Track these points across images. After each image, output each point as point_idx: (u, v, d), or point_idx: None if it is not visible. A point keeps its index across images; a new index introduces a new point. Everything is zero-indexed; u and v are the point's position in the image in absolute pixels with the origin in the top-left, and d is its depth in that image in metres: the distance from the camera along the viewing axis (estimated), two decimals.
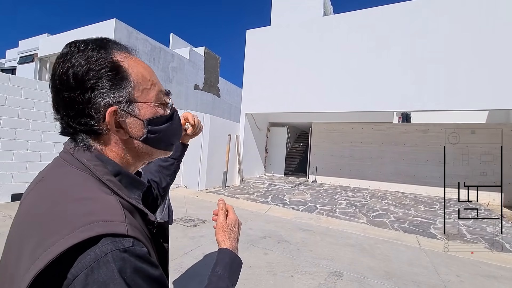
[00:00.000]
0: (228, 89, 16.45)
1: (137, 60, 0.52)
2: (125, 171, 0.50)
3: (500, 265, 3.50)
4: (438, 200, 8.03)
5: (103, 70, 0.45)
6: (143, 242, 0.40)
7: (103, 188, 0.44)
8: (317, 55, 8.18)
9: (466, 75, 6.34)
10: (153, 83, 0.52)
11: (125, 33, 9.25)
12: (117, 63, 0.47)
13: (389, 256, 3.57)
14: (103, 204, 0.41)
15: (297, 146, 14.15)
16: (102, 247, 0.35)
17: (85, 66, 0.44)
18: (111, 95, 0.46)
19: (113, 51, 0.48)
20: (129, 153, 0.51)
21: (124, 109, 0.47)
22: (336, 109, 8.00)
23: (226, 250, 0.64)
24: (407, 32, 7.03)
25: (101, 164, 0.47)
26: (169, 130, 0.55)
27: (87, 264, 0.34)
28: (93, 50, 0.46)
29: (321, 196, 7.53)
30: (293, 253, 3.46)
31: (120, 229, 0.38)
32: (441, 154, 9.11)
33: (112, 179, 0.46)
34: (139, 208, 0.47)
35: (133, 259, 0.37)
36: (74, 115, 0.45)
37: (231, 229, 0.68)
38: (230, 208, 0.72)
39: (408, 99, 6.99)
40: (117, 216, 0.40)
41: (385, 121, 10.08)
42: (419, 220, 5.55)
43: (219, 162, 8.16)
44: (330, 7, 11.17)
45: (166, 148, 0.57)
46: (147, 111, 0.50)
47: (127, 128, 0.48)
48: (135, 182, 0.52)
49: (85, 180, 0.44)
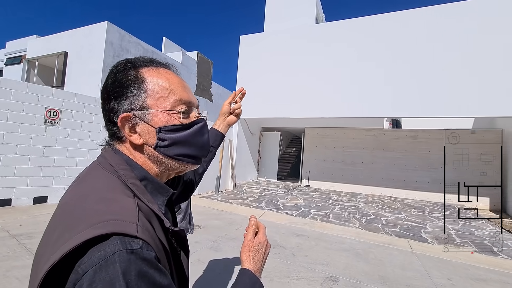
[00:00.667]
0: (221, 94, 16.45)
1: (162, 71, 0.54)
2: (151, 177, 0.52)
3: (489, 268, 3.60)
4: (428, 205, 8.21)
5: (123, 80, 0.51)
6: (152, 246, 0.40)
7: (126, 191, 0.47)
8: (309, 62, 8.31)
9: (452, 83, 6.56)
10: (172, 92, 0.53)
11: (117, 36, 9.16)
12: (138, 74, 0.52)
13: (383, 261, 3.62)
14: (121, 205, 0.43)
15: (290, 151, 14.22)
16: (112, 245, 0.36)
17: (113, 79, 0.52)
18: (127, 103, 0.50)
19: (141, 67, 0.53)
20: (148, 160, 0.53)
21: (137, 115, 0.50)
22: (328, 115, 8.11)
23: (248, 272, 0.59)
24: (397, 41, 7.24)
25: (129, 168, 0.51)
26: (185, 140, 0.54)
27: (96, 261, 0.35)
28: (123, 66, 0.53)
29: (314, 201, 7.58)
30: (288, 258, 3.46)
31: (131, 229, 0.39)
32: (430, 159, 9.38)
33: (136, 183, 0.49)
34: (157, 213, 0.48)
35: (139, 262, 0.37)
36: (106, 121, 0.54)
37: (257, 250, 0.63)
38: (262, 228, 0.68)
39: (397, 106, 7.17)
40: (131, 217, 0.41)
41: (376, 127, 10.28)
42: (410, 224, 5.66)
43: (212, 166, 8.11)
44: (322, 15, 11.41)
45: (185, 159, 0.55)
46: (160, 119, 0.51)
47: (140, 133, 0.51)
48: (160, 188, 0.53)
49: (111, 182, 0.48)
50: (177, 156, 0.54)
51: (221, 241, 3.96)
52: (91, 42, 9.04)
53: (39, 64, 11.02)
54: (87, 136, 5.25)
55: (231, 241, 4.02)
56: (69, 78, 9.47)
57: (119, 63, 0.54)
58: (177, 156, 0.54)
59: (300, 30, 8.77)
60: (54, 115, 4.74)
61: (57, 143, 4.79)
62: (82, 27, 9.62)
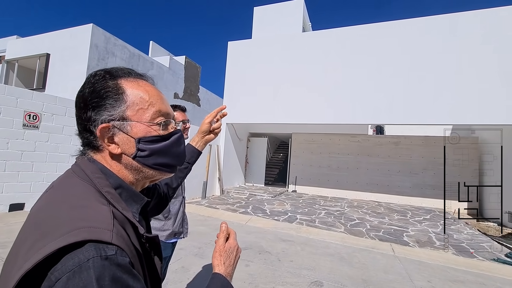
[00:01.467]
0: (208, 99, 16.41)
1: (141, 83, 0.56)
2: (126, 185, 0.53)
3: (466, 269, 3.74)
4: (410, 209, 8.46)
5: (102, 91, 0.52)
6: (127, 252, 0.41)
7: (100, 199, 0.47)
8: (296, 69, 8.47)
9: (432, 93, 6.87)
10: (152, 104, 0.55)
11: (102, 39, 9.00)
12: (117, 85, 0.53)
13: (366, 264, 3.69)
14: (95, 212, 0.43)
15: (277, 156, 14.31)
16: (86, 252, 0.37)
17: (91, 89, 0.52)
18: (106, 113, 0.51)
19: (119, 78, 0.54)
20: (125, 169, 0.55)
21: (116, 126, 0.52)
22: (314, 121, 8.26)
23: (219, 276, 0.61)
24: (379, 51, 7.52)
25: (103, 177, 0.51)
26: (164, 150, 0.56)
27: (70, 267, 0.36)
28: (101, 77, 0.53)
29: (301, 206, 7.64)
30: (274, 264, 3.47)
31: (105, 236, 0.39)
32: (411, 165, 9.69)
33: (111, 191, 0.50)
34: (131, 220, 0.49)
35: (113, 268, 0.37)
36: (81, 130, 0.54)
37: (228, 255, 0.66)
38: (232, 233, 0.72)
39: (380, 113, 7.41)
40: (105, 224, 0.42)
41: (361, 133, 10.55)
42: (393, 228, 5.80)
43: (199, 172, 8.04)
44: (309, 23, 11.69)
45: (162, 169, 0.57)
46: (139, 130, 0.53)
47: (119, 143, 0.53)
48: (134, 196, 0.55)
49: (86, 191, 0.48)
50: (155, 165, 0.56)
51: (206, 247, 3.92)
52: (75, 44, 8.82)
53: (19, 65, 10.63)
54: (69, 140, 5.09)
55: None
56: (50, 80, 9.18)
57: (97, 73, 0.54)
58: (155, 165, 0.56)
59: (287, 38, 8.95)
60: (33, 118, 4.58)
61: (36, 147, 4.61)
62: (66, 29, 9.39)
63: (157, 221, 1.64)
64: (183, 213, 1.78)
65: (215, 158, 8.93)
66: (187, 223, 1.81)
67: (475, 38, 6.63)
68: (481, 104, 6.43)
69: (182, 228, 1.76)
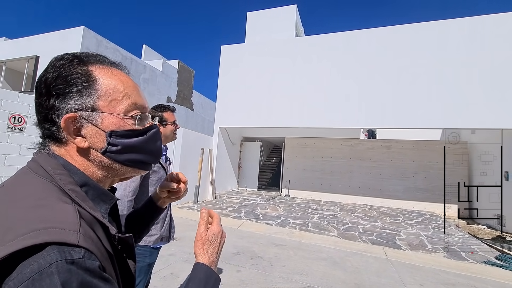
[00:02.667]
0: (201, 103, 16.34)
1: (116, 72, 0.51)
2: (93, 183, 0.48)
3: (457, 272, 3.75)
4: (402, 212, 8.51)
5: (69, 77, 0.46)
6: (96, 255, 0.37)
7: (62, 197, 0.41)
8: (289, 73, 8.53)
9: (422, 97, 6.99)
10: (127, 95, 0.50)
11: (93, 41, 8.89)
12: (88, 72, 0.47)
13: (359, 268, 3.66)
14: (57, 212, 0.38)
15: (271, 161, 14.29)
16: (47, 256, 0.32)
17: (55, 74, 0.46)
18: (73, 102, 0.46)
19: (91, 64, 0.49)
20: (93, 165, 0.49)
21: (85, 117, 0.46)
22: (307, 125, 8.30)
23: (202, 266, 0.58)
24: (370, 57, 7.64)
25: (66, 173, 0.45)
26: (138, 146, 0.51)
27: (28, 275, 0.31)
28: (69, 61, 0.47)
29: (294, 210, 7.60)
30: (266, 269, 3.41)
31: (70, 238, 0.35)
32: (403, 168, 9.79)
33: (76, 189, 0.44)
34: (101, 221, 0.44)
35: (81, 272, 0.33)
36: (41, 119, 0.47)
37: (211, 242, 0.61)
38: (215, 218, 0.66)
39: (372, 117, 7.49)
40: (70, 224, 0.37)
41: (353, 137, 10.64)
42: (385, 231, 5.81)
43: (191, 176, 7.93)
44: (301, 29, 11.82)
45: (135, 165, 0.53)
46: (111, 122, 0.48)
47: (86, 136, 0.47)
48: (102, 195, 0.49)
49: (44, 188, 0.42)
50: (127, 162, 0.51)
51: None
52: (66, 47, 8.67)
53: (7, 67, 10.39)
54: None
55: None
56: None
57: (63, 56, 0.48)
58: (127, 162, 0.51)
59: (280, 43, 9.01)
60: (19, 121, 4.44)
61: (21, 151, 4.46)
62: (56, 31, 9.26)
63: None
64: (170, 217, 1.72)
65: (207, 162, 8.84)
66: (173, 227, 1.76)
67: (463, 44, 6.80)
68: (469, 108, 6.56)
69: (170, 232, 1.70)
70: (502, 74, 6.41)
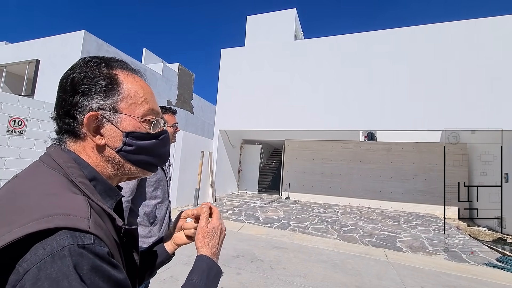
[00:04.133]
0: (201, 106, 16.39)
1: (137, 79, 0.55)
2: (101, 178, 0.50)
3: (458, 274, 3.73)
4: (402, 215, 8.48)
5: (96, 79, 0.49)
6: (105, 242, 0.39)
7: (73, 189, 0.43)
8: (289, 76, 8.56)
9: (421, 99, 7.02)
10: (146, 100, 0.54)
11: (94, 45, 8.94)
12: (113, 75, 0.51)
13: (360, 271, 3.64)
14: (69, 200, 0.40)
15: (271, 163, 14.28)
16: (60, 240, 0.34)
17: (82, 74, 0.49)
18: (97, 101, 0.48)
19: (116, 68, 0.52)
20: (105, 162, 0.52)
21: (106, 116, 0.49)
22: (307, 128, 8.31)
23: (204, 257, 0.60)
24: (369, 59, 7.68)
25: (77, 167, 0.47)
26: (150, 148, 0.55)
27: (40, 257, 0.32)
28: (97, 64, 0.50)
29: (294, 213, 7.58)
30: (266, 272, 3.39)
31: (82, 224, 0.36)
32: (403, 171, 9.78)
33: (85, 182, 0.46)
34: (108, 212, 0.46)
35: (91, 256, 0.35)
36: (62, 114, 0.49)
37: (212, 236, 0.64)
38: (215, 213, 0.68)
39: (371, 119, 7.51)
40: (82, 212, 0.38)
41: (353, 140, 10.65)
42: (386, 234, 5.79)
43: (191, 179, 7.93)
44: (301, 32, 11.90)
45: (144, 167, 0.56)
46: (129, 124, 0.51)
47: (105, 135, 0.50)
48: (109, 191, 0.51)
49: (56, 180, 0.44)
50: (138, 162, 0.54)
51: None
52: (67, 51, 8.73)
53: (7, 71, 10.43)
54: None
55: None
56: (40, 87, 9.01)
57: (91, 58, 0.51)
58: (138, 162, 0.54)
59: (279, 46, 9.06)
60: (19, 124, 4.45)
61: (20, 154, 4.46)
62: (57, 35, 9.31)
63: (142, 227, 1.57)
64: (169, 218, 1.72)
65: (207, 165, 8.84)
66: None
67: (462, 45, 6.85)
68: (468, 109, 6.59)
69: None
70: (501, 74, 6.44)
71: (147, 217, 1.58)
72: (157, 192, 1.63)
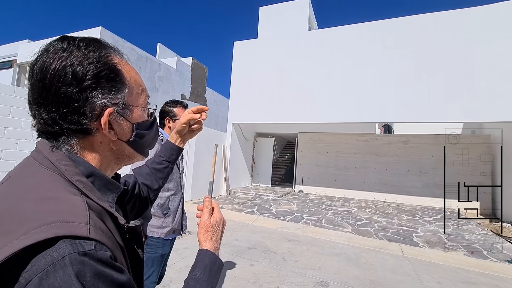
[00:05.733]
0: (215, 99, 16.48)
1: (129, 65, 0.53)
2: (99, 173, 0.48)
3: (478, 271, 3.61)
4: (420, 209, 8.26)
5: (103, 72, 0.46)
6: (107, 246, 0.38)
7: (70, 189, 0.41)
8: (302, 68, 8.41)
9: (441, 90, 6.70)
10: (143, 88, 0.54)
11: (111, 41, 8.96)
12: (117, 66, 0.48)
13: (374, 265, 3.60)
14: (66, 205, 0.38)
15: (284, 157, 14.24)
16: (60, 249, 0.33)
17: (86, 66, 0.44)
18: (108, 96, 0.46)
19: (111, 54, 0.49)
20: (112, 156, 0.52)
21: (118, 111, 0.48)
22: (321, 120, 8.18)
23: (206, 252, 0.61)
24: (387, 48, 7.39)
25: (72, 164, 0.45)
26: (150, 135, 0.57)
27: (42, 267, 0.32)
28: (93, 51, 0.46)
29: (307, 206, 7.56)
30: (279, 264, 3.42)
31: (81, 231, 0.35)
32: (421, 164, 9.47)
33: (82, 180, 0.44)
34: (109, 211, 0.44)
35: (93, 263, 0.34)
36: (66, 111, 0.44)
37: (215, 229, 0.65)
38: (216, 206, 0.69)
39: (388, 111, 7.27)
40: (80, 217, 0.37)
41: (368, 132, 10.39)
42: (402, 228, 5.67)
43: (205, 172, 8.06)
44: (314, 22, 11.60)
45: (145, 153, 0.58)
46: (136, 115, 0.52)
47: (116, 129, 0.49)
48: (109, 185, 0.50)
49: (52, 180, 0.42)
50: (140, 149, 0.56)
51: None
52: None
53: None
54: None
55: (222, 246, 3.91)
56: None
57: (83, 43, 0.46)
58: (140, 149, 0.56)
59: (293, 37, 8.89)
60: None
61: None
62: (74, 32, 9.59)
63: (156, 218, 1.63)
64: (182, 210, 1.77)
65: (221, 158, 8.93)
66: (186, 220, 1.80)
67: (485, 33, 6.44)
68: (492, 100, 6.23)
69: (181, 225, 1.74)
70: None
71: (160, 209, 1.63)
72: (170, 184, 1.67)
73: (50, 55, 0.44)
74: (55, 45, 0.45)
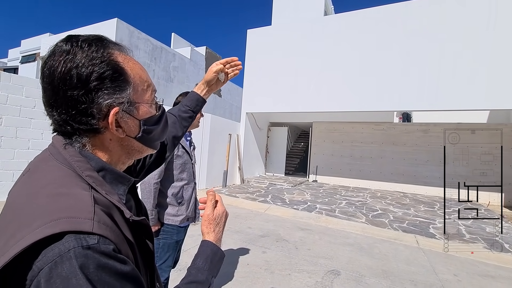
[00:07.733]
0: (229, 89, 16.48)
1: (134, 61, 0.53)
2: (109, 167, 0.51)
3: (498, 264, 3.50)
4: (438, 200, 8.02)
5: (107, 73, 0.47)
6: (111, 239, 0.40)
7: (80, 184, 0.45)
8: (317, 55, 8.19)
9: (466, 75, 6.33)
10: (149, 84, 0.55)
11: (126, 32, 9.29)
12: (120, 65, 0.49)
13: (387, 255, 3.58)
14: (74, 201, 0.42)
15: (298, 146, 14.15)
16: (66, 243, 0.36)
17: (89, 68, 0.45)
18: (113, 96, 0.48)
19: (114, 52, 0.49)
20: (122, 151, 0.54)
21: (124, 109, 0.49)
22: (336, 109, 8.00)
23: (208, 243, 0.64)
24: (407, 32, 7.02)
25: (84, 160, 0.48)
26: (159, 129, 0.58)
27: (51, 258, 0.35)
28: (96, 51, 0.47)
29: (321, 196, 7.54)
30: (291, 252, 3.48)
31: (85, 226, 0.38)
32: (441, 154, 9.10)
33: (93, 175, 0.47)
34: (117, 205, 0.47)
35: (96, 256, 0.37)
36: (75, 113, 0.46)
37: (218, 222, 0.68)
38: (219, 199, 0.72)
39: (408, 99, 6.99)
40: (85, 213, 0.40)
41: (386, 121, 10.07)
42: (418, 220, 5.55)
43: (220, 161, 8.18)
44: (331, 6, 11.17)
45: (155, 146, 0.60)
46: (143, 111, 0.53)
47: (124, 126, 0.51)
48: (120, 178, 0.52)
49: (65, 176, 0.45)
50: (150, 143, 0.57)
51: (225, 234, 3.99)
52: None
53: None
54: None
55: (235, 234, 4.07)
56: None
57: (85, 43, 0.47)
58: (150, 143, 0.57)
59: (308, 23, 8.62)
60: None
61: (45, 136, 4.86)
62: (92, 25, 9.81)
63: (171, 207, 1.70)
64: (195, 199, 1.83)
65: (235, 147, 9.02)
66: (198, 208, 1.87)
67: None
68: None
69: (195, 213, 1.81)
70: None
71: (174, 198, 1.69)
72: (183, 174, 1.73)
73: (55, 58, 0.46)
74: (60, 46, 0.47)
